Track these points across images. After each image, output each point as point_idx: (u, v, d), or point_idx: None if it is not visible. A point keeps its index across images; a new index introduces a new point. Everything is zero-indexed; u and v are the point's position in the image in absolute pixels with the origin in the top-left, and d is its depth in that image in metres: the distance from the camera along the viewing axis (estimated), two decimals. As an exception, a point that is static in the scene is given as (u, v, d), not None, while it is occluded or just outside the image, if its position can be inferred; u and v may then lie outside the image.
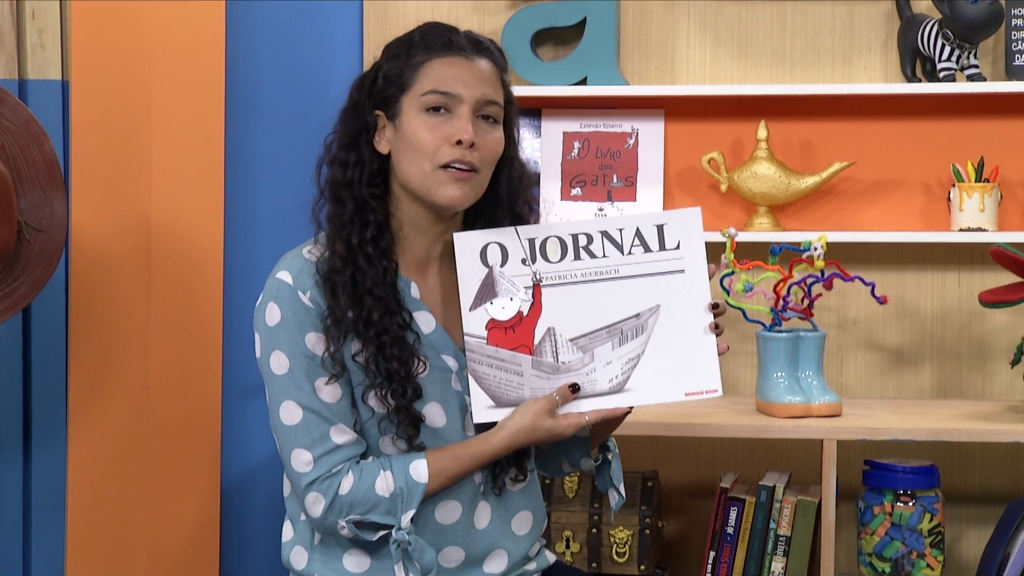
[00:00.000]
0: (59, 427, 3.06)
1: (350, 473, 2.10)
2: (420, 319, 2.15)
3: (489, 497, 2.20)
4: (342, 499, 2.09)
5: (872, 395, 3.32)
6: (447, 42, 2.14)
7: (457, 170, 2.10)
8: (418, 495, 2.09)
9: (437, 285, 2.19)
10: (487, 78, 2.15)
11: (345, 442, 2.11)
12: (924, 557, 2.96)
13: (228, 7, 3.15)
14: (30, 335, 3.07)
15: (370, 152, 2.15)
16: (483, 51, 2.17)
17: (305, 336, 2.09)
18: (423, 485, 2.09)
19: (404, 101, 2.12)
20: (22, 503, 3.08)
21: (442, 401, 2.14)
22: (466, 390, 2.16)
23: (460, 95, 2.11)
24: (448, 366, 2.16)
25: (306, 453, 2.09)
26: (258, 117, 3.24)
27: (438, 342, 2.16)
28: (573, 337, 2.13)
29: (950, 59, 3.10)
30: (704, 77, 3.31)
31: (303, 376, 2.09)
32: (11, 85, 2.99)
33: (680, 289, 2.16)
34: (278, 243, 3.10)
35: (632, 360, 2.13)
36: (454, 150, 2.10)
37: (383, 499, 2.09)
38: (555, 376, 2.13)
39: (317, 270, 2.11)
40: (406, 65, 2.13)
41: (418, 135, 2.10)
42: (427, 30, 2.17)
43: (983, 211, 3.13)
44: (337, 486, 2.09)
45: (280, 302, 2.10)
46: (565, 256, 2.15)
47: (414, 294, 2.15)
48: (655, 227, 2.18)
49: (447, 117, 2.11)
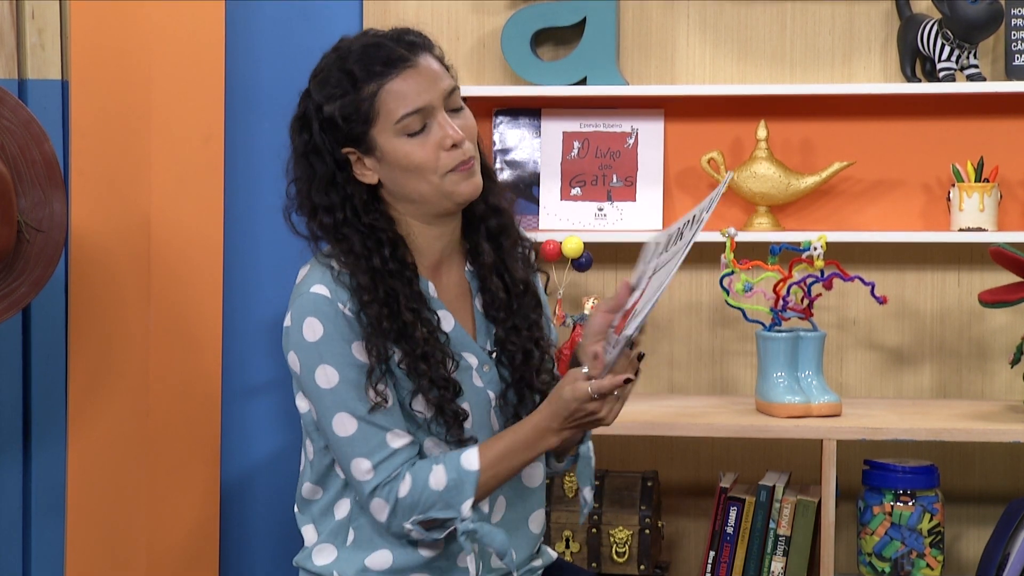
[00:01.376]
0: (59, 427, 3.06)
1: (407, 475, 2.09)
2: (442, 318, 2.15)
3: (506, 491, 2.20)
4: (402, 502, 2.08)
5: (872, 395, 3.32)
6: (386, 61, 2.09)
7: (462, 165, 2.11)
8: (471, 483, 2.07)
9: (451, 284, 2.21)
10: (436, 72, 2.12)
11: (402, 445, 2.10)
12: (924, 557, 2.96)
13: (228, 7, 3.15)
14: (30, 335, 3.07)
15: (354, 186, 2.13)
16: (419, 48, 2.13)
17: (351, 346, 2.08)
18: (475, 472, 2.08)
19: (375, 134, 2.09)
20: (22, 503, 3.08)
21: (468, 400, 2.15)
22: (488, 385, 2.17)
23: (429, 104, 2.09)
24: (468, 363, 2.16)
25: (365, 462, 2.08)
26: (258, 117, 3.24)
27: (458, 340, 2.16)
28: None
29: (950, 59, 3.10)
30: (704, 77, 3.31)
31: (353, 386, 2.08)
32: (11, 85, 2.99)
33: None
34: (278, 243, 3.10)
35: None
36: (451, 154, 2.10)
37: (438, 494, 2.08)
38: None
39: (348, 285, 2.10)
40: (358, 99, 2.08)
41: (412, 158, 2.09)
42: (359, 55, 2.10)
43: (983, 211, 3.13)
44: (397, 490, 2.08)
45: (320, 316, 2.08)
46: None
47: (433, 294, 2.16)
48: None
49: (428, 129, 2.10)
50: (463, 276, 2.22)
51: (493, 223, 2.21)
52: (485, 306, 2.21)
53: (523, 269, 2.24)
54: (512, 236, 2.23)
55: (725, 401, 3.20)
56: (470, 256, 2.23)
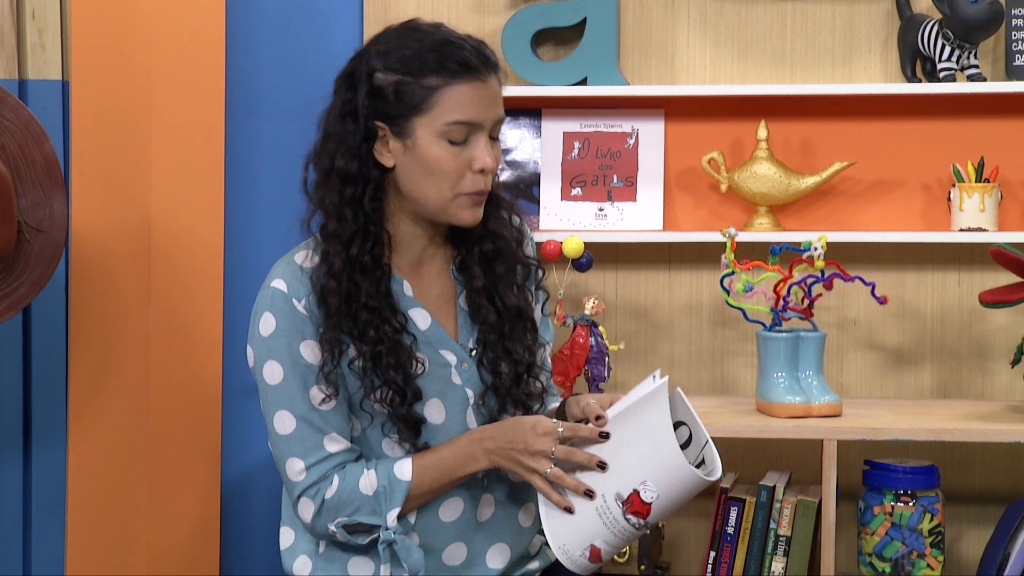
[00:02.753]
0: (59, 427, 3.06)
1: (336, 477, 2.10)
2: (415, 316, 2.15)
3: (493, 489, 2.20)
4: (328, 502, 2.10)
5: (872, 395, 3.32)
6: (462, 64, 2.06)
7: (476, 195, 2.11)
8: (401, 492, 2.09)
9: (432, 282, 2.20)
10: (498, 97, 2.12)
11: (338, 450, 2.11)
12: (924, 557, 2.96)
13: (228, 6, 3.15)
14: (30, 335, 3.07)
15: (372, 164, 2.11)
16: (491, 67, 2.11)
17: (300, 345, 2.09)
18: (406, 483, 2.09)
19: (417, 123, 2.07)
20: (22, 503, 3.08)
21: (442, 396, 2.15)
22: (466, 383, 2.17)
23: (481, 122, 2.09)
24: (447, 360, 2.16)
25: (299, 462, 2.10)
26: (258, 117, 3.24)
27: (435, 338, 2.16)
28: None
29: (950, 59, 3.10)
30: (704, 77, 3.31)
31: (297, 385, 2.09)
32: (11, 85, 2.99)
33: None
34: (278, 242, 3.10)
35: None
36: (476, 178, 2.10)
37: (367, 498, 2.09)
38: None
39: (311, 278, 2.11)
40: (417, 85, 2.06)
41: (441, 164, 2.08)
42: (438, 46, 2.08)
43: (983, 211, 3.12)
44: (324, 491, 2.10)
45: (275, 311, 2.10)
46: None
47: (407, 292, 2.16)
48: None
49: (467, 144, 2.09)
50: (447, 274, 2.21)
51: (488, 247, 2.20)
52: (470, 304, 2.20)
53: (517, 295, 2.21)
54: (508, 262, 2.21)
55: (725, 401, 3.20)
56: (456, 260, 2.22)
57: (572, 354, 3.07)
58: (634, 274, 3.35)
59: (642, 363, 3.35)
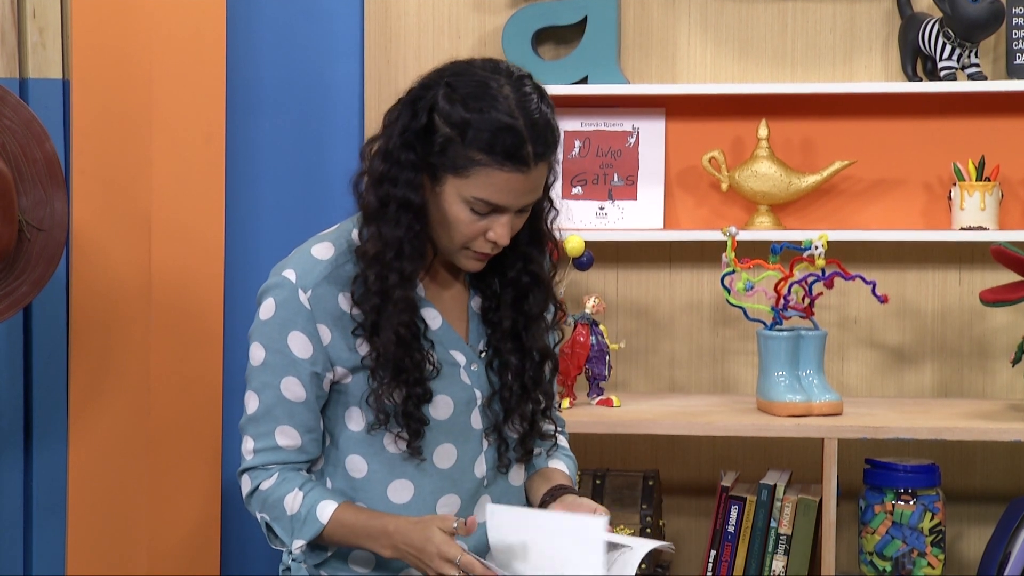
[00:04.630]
0: (60, 426, 3.06)
1: (277, 475, 2.15)
2: (427, 315, 2.17)
3: (491, 489, 2.20)
4: (260, 494, 2.15)
5: (873, 394, 3.32)
6: (512, 153, 2.04)
7: (483, 254, 2.13)
8: (312, 529, 2.11)
9: (444, 284, 2.22)
10: (538, 184, 2.11)
11: (286, 445, 2.15)
12: (925, 556, 2.96)
13: (229, 5, 3.15)
14: (31, 334, 3.07)
15: (420, 193, 2.11)
16: (543, 157, 2.09)
17: (288, 335, 2.12)
18: (320, 525, 2.11)
19: (449, 180, 2.07)
20: (23, 502, 3.08)
21: (450, 394, 2.15)
22: (475, 384, 2.18)
23: (509, 206, 2.08)
24: (455, 360, 2.17)
25: (251, 442, 2.16)
26: (259, 116, 3.24)
27: (445, 337, 2.17)
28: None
29: (951, 58, 3.10)
30: (705, 76, 3.31)
31: (271, 373, 2.13)
32: (12, 84, 2.99)
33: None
34: (279, 241, 3.10)
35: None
36: (486, 244, 2.11)
37: (286, 515, 2.14)
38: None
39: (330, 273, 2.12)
40: (463, 152, 2.04)
41: (457, 226, 2.09)
42: (492, 125, 2.04)
43: (984, 210, 3.12)
44: (262, 481, 2.15)
45: (276, 297, 2.13)
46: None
47: (420, 292, 2.17)
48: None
49: (488, 216, 2.09)
50: (461, 276, 2.23)
51: (525, 281, 2.20)
52: (484, 309, 2.22)
53: (542, 338, 2.23)
54: (538, 304, 2.22)
55: (726, 400, 3.20)
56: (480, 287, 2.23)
57: (573, 353, 3.07)
58: (635, 273, 3.35)
59: (643, 362, 3.35)
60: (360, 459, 2.16)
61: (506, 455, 2.23)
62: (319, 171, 3.26)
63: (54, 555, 3.07)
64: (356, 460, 2.16)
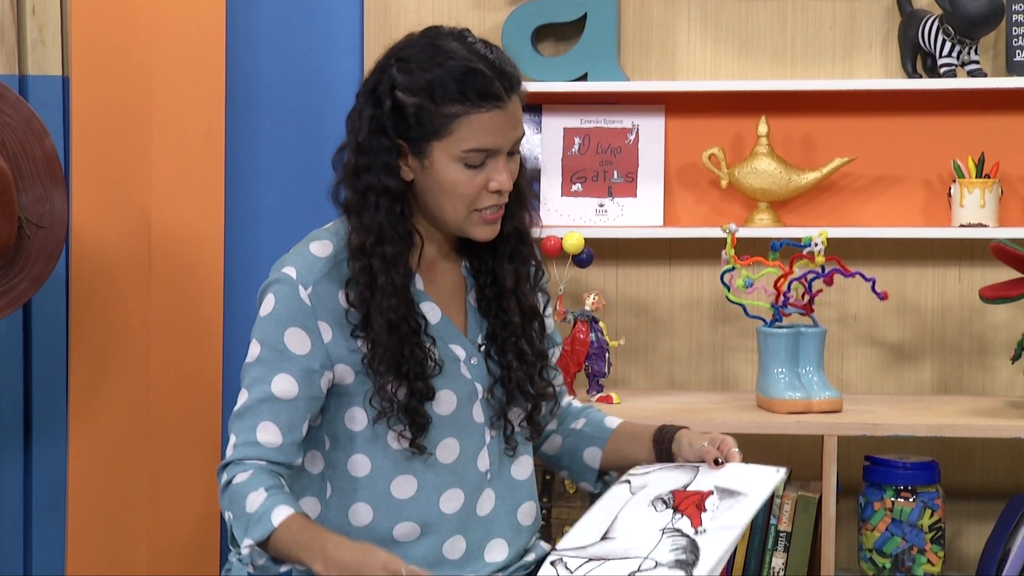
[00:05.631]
0: (59, 424, 3.06)
1: (251, 471, 2.08)
2: (425, 310, 2.16)
3: (494, 484, 2.21)
4: (231, 488, 2.08)
5: (873, 391, 3.32)
6: (483, 93, 2.06)
7: (492, 212, 2.12)
8: (263, 530, 2.02)
9: (444, 277, 2.22)
10: (518, 118, 2.12)
11: (266, 442, 2.09)
12: (924, 553, 2.96)
13: (228, 2, 3.15)
14: (30, 331, 3.07)
15: (399, 175, 2.12)
16: (513, 89, 2.10)
17: (286, 332, 2.10)
18: (271, 527, 2.02)
19: (435, 147, 2.08)
20: (23, 500, 3.08)
21: (452, 389, 2.16)
22: (475, 378, 2.18)
23: (500, 147, 2.09)
24: (455, 355, 2.17)
25: (234, 436, 2.12)
26: (259, 113, 3.24)
27: (444, 331, 2.17)
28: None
29: (951, 55, 3.10)
30: (705, 73, 3.31)
31: (264, 368, 2.10)
32: (11, 81, 2.99)
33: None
34: (279, 238, 3.10)
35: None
36: (491, 197, 2.11)
37: (244, 512, 2.06)
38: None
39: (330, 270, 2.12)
40: (438, 112, 2.06)
41: (457, 187, 2.09)
42: (460, 74, 2.06)
43: (984, 207, 3.12)
44: (235, 475, 2.09)
45: (277, 294, 2.12)
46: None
47: (419, 286, 2.17)
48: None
49: (484, 166, 2.10)
50: (458, 270, 2.23)
51: (524, 251, 2.22)
52: (479, 301, 2.22)
53: (530, 294, 2.24)
54: (529, 262, 2.24)
55: (726, 397, 3.20)
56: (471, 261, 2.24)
57: (572, 350, 3.07)
58: (634, 270, 3.35)
59: (642, 359, 3.35)
60: (363, 458, 2.16)
61: (513, 438, 2.22)
62: (319, 168, 3.22)
63: (54, 552, 3.08)
64: (359, 459, 2.16)
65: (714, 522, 2.05)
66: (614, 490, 2.19)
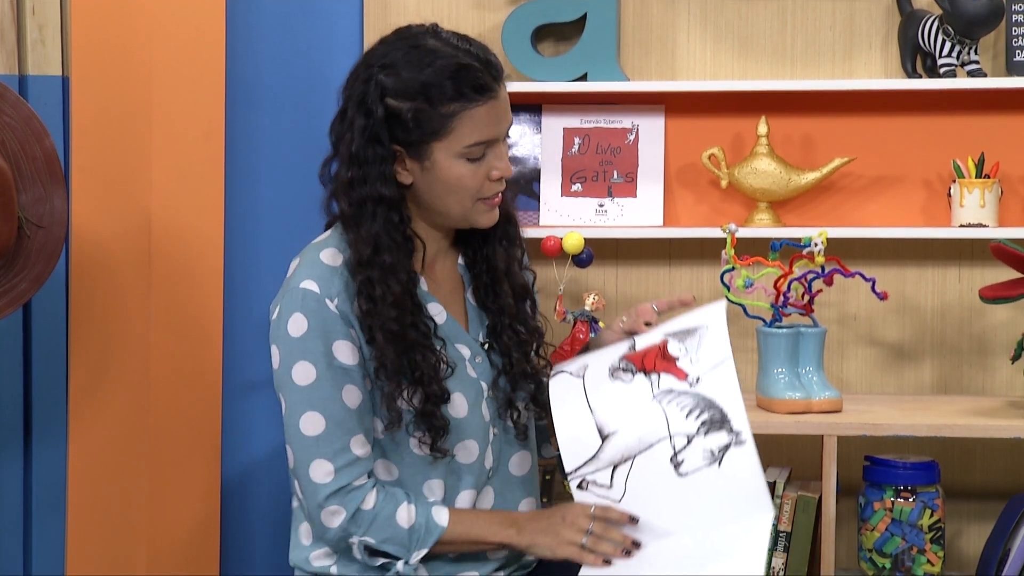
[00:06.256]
0: (59, 423, 3.06)
1: (375, 490, 2.09)
2: (433, 311, 2.16)
3: (494, 479, 2.21)
4: (364, 514, 2.08)
5: (872, 391, 3.32)
6: (477, 86, 2.08)
7: (495, 198, 2.15)
8: (434, 536, 2.08)
9: (444, 277, 2.22)
10: (508, 104, 2.15)
11: (364, 455, 2.10)
12: (924, 553, 2.96)
13: (228, 3, 3.15)
14: (30, 331, 3.07)
15: (395, 180, 2.13)
16: (500, 77, 2.13)
17: (333, 345, 2.09)
18: (441, 528, 2.09)
19: (436, 147, 2.09)
20: (22, 500, 3.08)
21: (462, 391, 2.15)
22: (481, 376, 2.18)
23: (498, 136, 2.12)
24: (461, 355, 2.17)
25: (327, 464, 2.07)
26: (259, 113, 3.24)
27: (450, 332, 2.17)
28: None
29: (951, 55, 3.10)
30: (704, 73, 3.31)
31: (330, 385, 2.08)
32: (11, 81, 2.99)
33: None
34: (279, 238, 3.11)
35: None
36: (493, 185, 2.14)
37: (401, 530, 2.08)
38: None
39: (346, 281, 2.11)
40: (435, 112, 2.07)
41: (463, 182, 2.11)
42: (453, 72, 2.08)
43: (984, 207, 3.12)
44: (360, 500, 2.07)
45: (306, 312, 2.09)
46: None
47: (423, 287, 2.17)
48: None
49: (485, 157, 2.12)
50: (455, 269, 2.24)
51: (512, 231, 2.24)
52: (478, 298, 2.23)
53: (520, 274, 2.26)
54: (515, 242, 2.26)
55: (726, 397, 3.19)
56: (465, 251, 2.24)
57: (572, 350, 3.07)
58: (634, 270, 3.35)
59: (642, 359, 3.35)
60: (388, 463, 2.16)
61: (520, 422, 2.23)
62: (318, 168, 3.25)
63: (54, 552, 3.08)
64: (384, 464, 2.16)
65: (697, 365, 2.00)
66: (557, 388, 2.15)
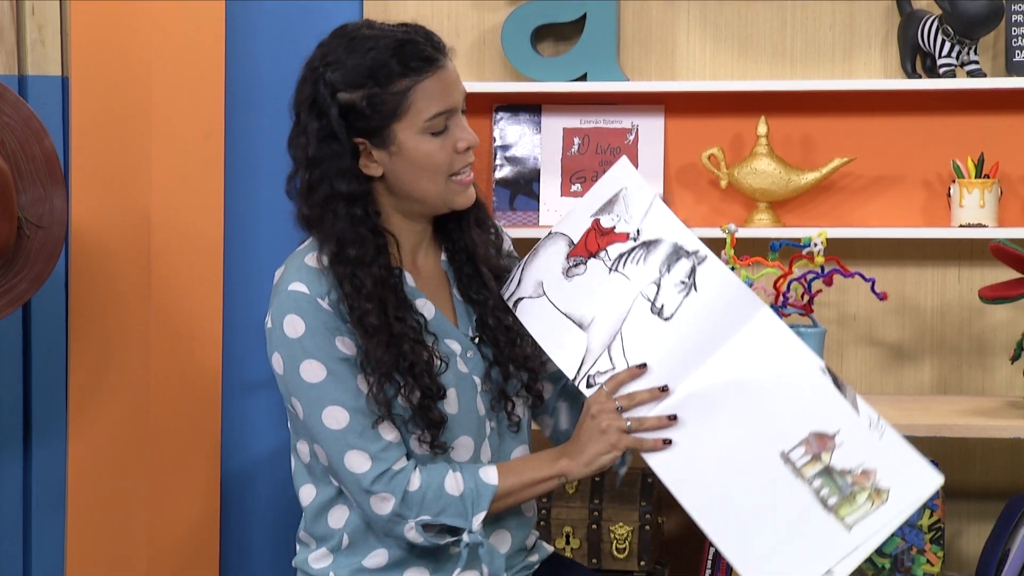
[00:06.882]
0: (59, 423, 3.06)
1: (417, 470, 2.08)
2: (421, 307, 2.16)
3: None
4: (412, 496, 2.07)
5: (872, 391, 3.32)
6: (423, 58, 2.09)
7: (466, 175, 2.15)
8: (487, 496, 2.08)
9: (429, 273, 2.22)
10: (457, 74, 2.15)
11: (395, 439, 2.09)
12: (924, 553, 2.96)
13: (228, 4, 3.15)
14: (30, 331, 3.07)
15: (363, 178, 2.12)
16: (442, 49, 2.14)
17: (334, 341, 2.08)
18: (493, 486, 2.08)
19: (398, 129, 2.09)
20: (22, 500, 3.08)
21: (455, 387, 2.15)
22: (473, 371, 2.18)
23: (455, 105, 2.12)
24: (452, 350, 2.17)
25: (362, 453, 2.06)
26: (258, 113, 3.24)
27: (439, 327, 2.17)
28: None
29: (950, 55, 3.10)
30: (704, 73, 3.31)
31: (342, 377, 2.07)
32: (11, 81, 2.99)
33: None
34: (278, 238, 3.10)
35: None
36: (461, 157, 2.13)
37: (454, 499, 2.07)
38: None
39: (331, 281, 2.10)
40: (387, 93, 2.07)
41: (433, 158, 2.10)
42: (395, 49, 2.09)
43: (983, 207, 3.12)
44: (406, 483, 2.07)
45: (300, 312, 2.08)
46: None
47: (411, 283, 2.16)
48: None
49: (448, 130, 2.12)
50: (439, 265, 2.23)
51: (482, 214, 2.25)
52: (463, 292, 2.22)
53: (496, 257, 2.26)
54: (487, 226, 2.26)
55: (725, 397, 3.19)
56: (447, 245, 2.24)
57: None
58: (634, 270, 3.35)
59: (642, 359, 3.35)
60: None
61: (515, 414, 2.22)
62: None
63: (54, 552, 3.08)
64: None
65: (632, 222, 2.15)
66: (526, 316, 2.17)
